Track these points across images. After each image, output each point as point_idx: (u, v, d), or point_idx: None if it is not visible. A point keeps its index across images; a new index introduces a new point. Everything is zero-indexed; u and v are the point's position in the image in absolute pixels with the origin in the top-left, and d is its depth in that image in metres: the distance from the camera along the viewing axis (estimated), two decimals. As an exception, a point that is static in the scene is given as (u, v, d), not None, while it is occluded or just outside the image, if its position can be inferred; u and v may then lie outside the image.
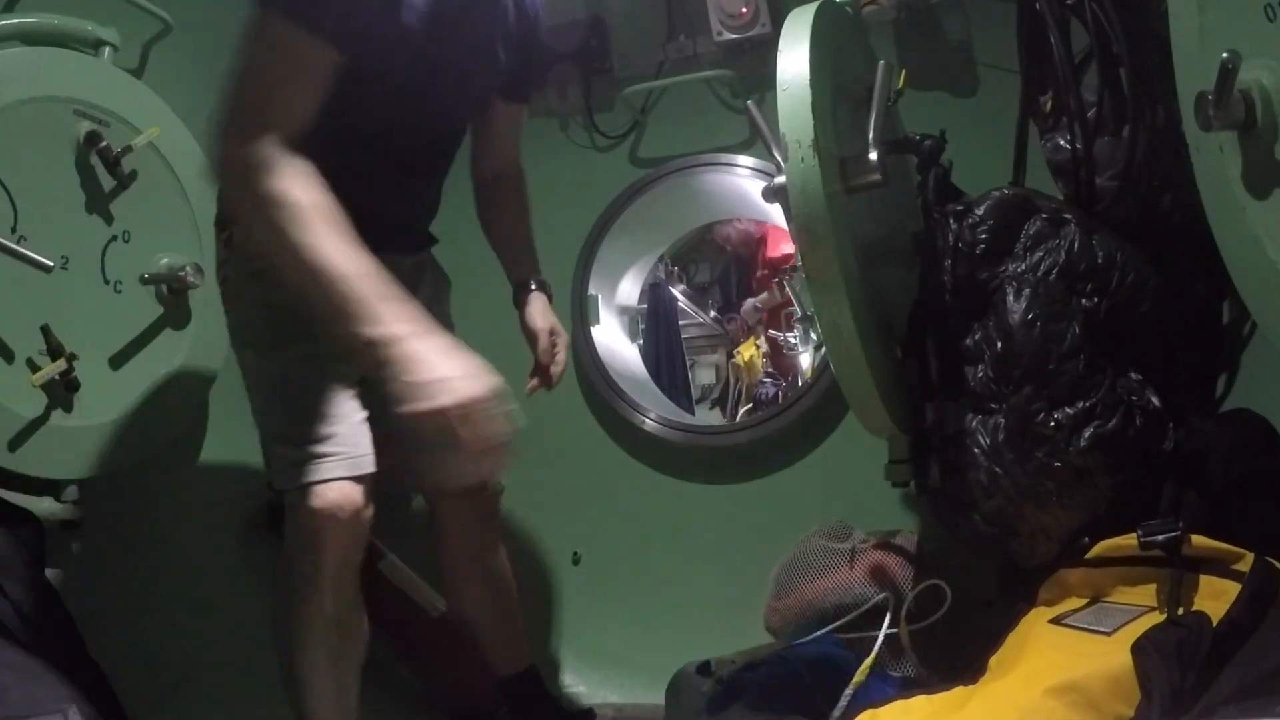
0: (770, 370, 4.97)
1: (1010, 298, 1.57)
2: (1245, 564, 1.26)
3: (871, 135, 1.52)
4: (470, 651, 1.92)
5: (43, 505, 1.73)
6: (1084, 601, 1.42)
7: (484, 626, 1.87)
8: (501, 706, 1.96)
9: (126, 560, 1.90)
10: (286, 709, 1.47)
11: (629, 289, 2.85)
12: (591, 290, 2.50)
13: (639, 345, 2.68)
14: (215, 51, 2.12)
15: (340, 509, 1.39)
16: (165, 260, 1.90)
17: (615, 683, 2.21)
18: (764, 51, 2.24)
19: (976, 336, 1.59)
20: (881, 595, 1.74)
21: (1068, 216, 1.62)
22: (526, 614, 1.96)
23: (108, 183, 1.80)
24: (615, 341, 2.61)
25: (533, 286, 1.83)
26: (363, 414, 1.48)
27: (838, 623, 1.71)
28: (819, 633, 1.69)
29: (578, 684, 2.26)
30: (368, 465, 1.44)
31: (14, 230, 1.64)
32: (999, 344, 1.56)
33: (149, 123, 1.85)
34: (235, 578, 2.08)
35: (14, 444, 1.65)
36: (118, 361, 1.83)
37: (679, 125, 2.48)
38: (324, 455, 1.42)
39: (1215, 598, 1.24)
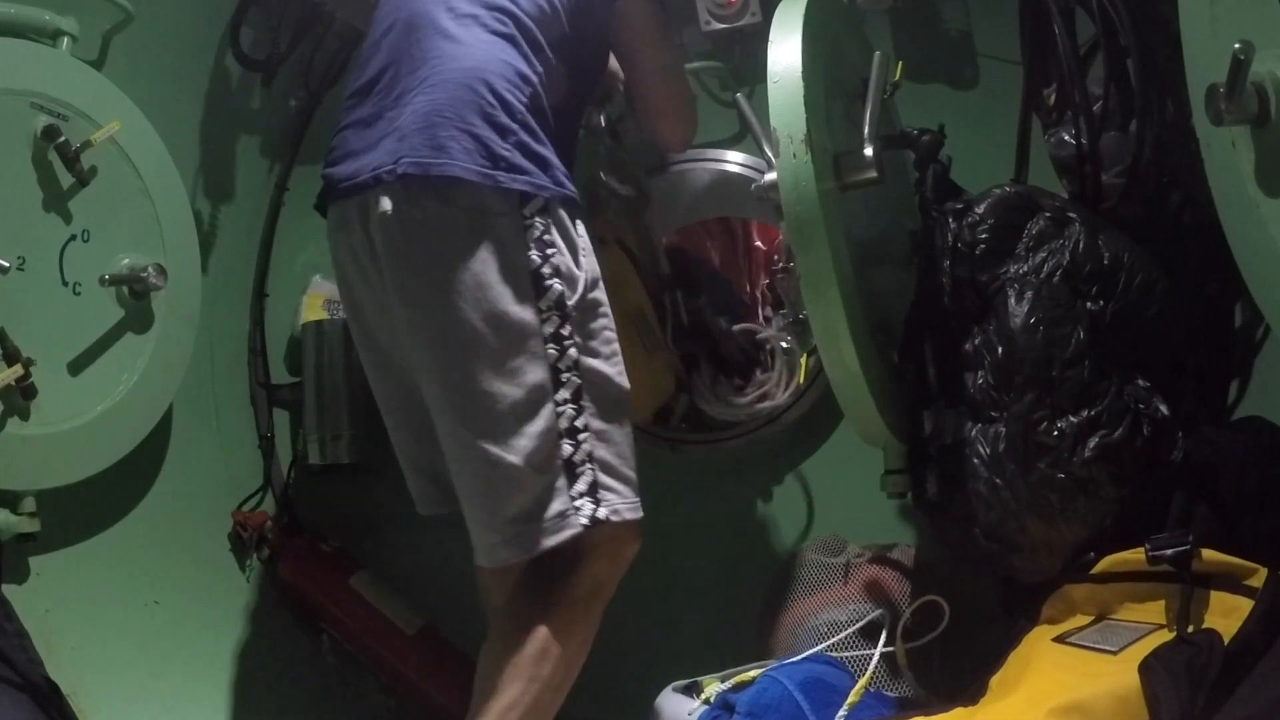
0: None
1: (1012, 300, 1.54)
2: (1258, 579, 1.25)
3: (867, 130, 1.50)
4: (443, 670, 1.89)
5: (-3, 518, 1.68)
6: (1089, 619, 1.41)
7: None
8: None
9: (86, 575, 1.86)
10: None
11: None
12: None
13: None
14: (178, 42, 2.14)
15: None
16: (127, 261, 1.85)
17: (597, 702, 2.18)
18: (754, 42, 2.18)
19: (976, 341, 1.57)
20: (877, 612, 1.72)
21: (1072, 215, 1.60)
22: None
23: (66, 179, 1.75)
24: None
25: None
26: None
27: (831, 640, 1.69)
28: (812, 651, 1.66)
29: (559, 704, 2.23)
30: None
31: (-34, 230, 1.60)
32: (1000, 349, 1.53)
33: (110, 116, 1.80)
34: (199, 591, 2.06)
35: (-33, 454, 1.60)
36: (77, 367, 1.78)
37: (664, 119, 2.44)
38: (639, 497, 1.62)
39: (1227, 615, 1.23)
